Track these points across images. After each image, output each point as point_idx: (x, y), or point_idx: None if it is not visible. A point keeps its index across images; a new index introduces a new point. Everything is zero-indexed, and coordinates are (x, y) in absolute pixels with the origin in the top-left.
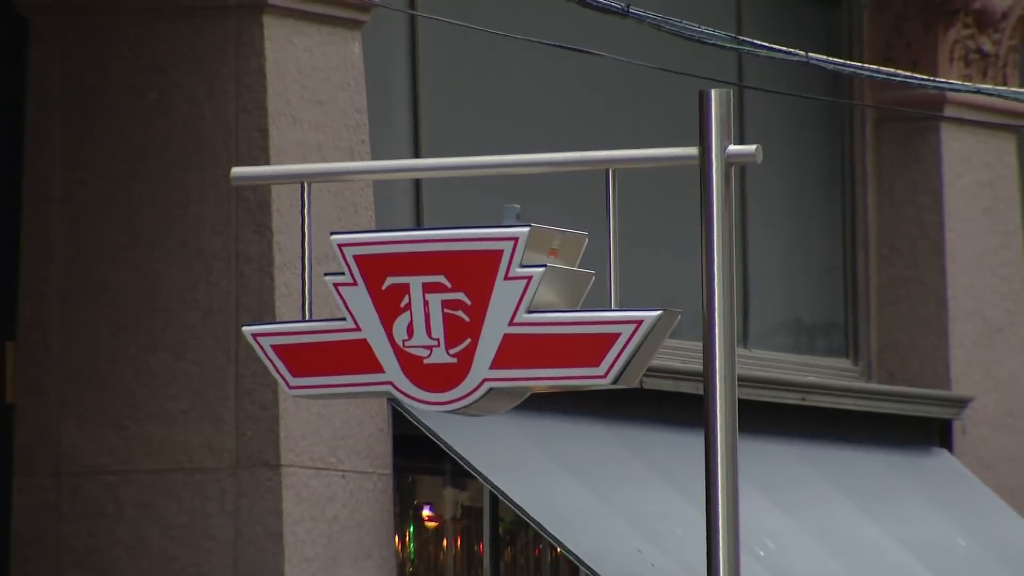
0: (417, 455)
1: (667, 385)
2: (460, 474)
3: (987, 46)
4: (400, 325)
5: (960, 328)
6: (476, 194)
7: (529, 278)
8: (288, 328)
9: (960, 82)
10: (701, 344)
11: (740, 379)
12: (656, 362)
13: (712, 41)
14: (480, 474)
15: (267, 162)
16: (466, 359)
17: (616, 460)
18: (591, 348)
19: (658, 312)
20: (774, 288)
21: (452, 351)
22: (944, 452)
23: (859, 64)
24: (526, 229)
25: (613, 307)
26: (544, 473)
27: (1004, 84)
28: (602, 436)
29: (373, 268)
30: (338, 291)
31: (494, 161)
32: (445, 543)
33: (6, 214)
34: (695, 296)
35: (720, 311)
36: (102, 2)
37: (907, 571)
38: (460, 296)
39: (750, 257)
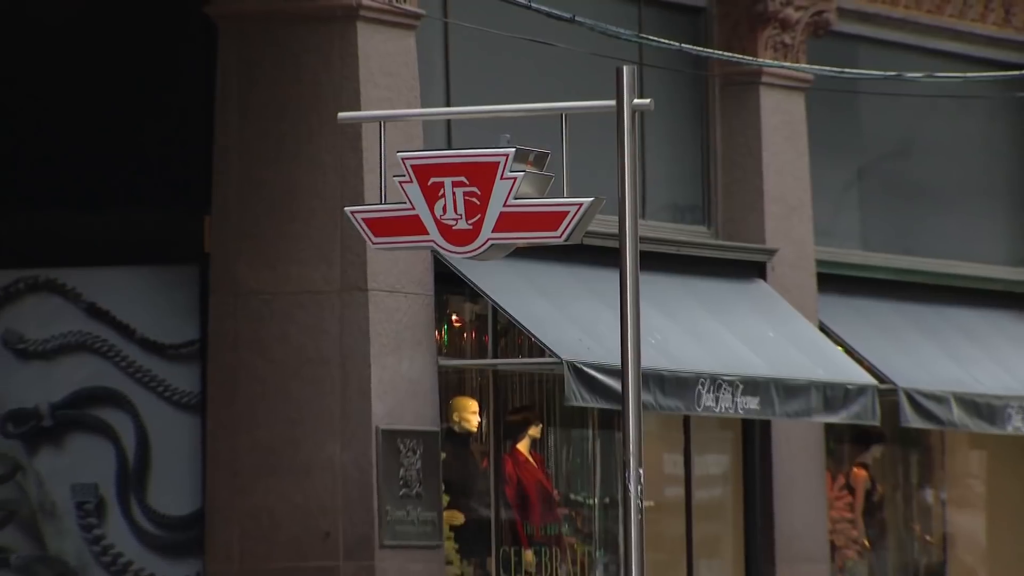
0: (448, 283)
1: (597, 241)
2: (474, 295)
3: (788, 40)
4: (438, 206)
5: (771, 208)
6: (485, 128)
7: (515, 178)
8: (371, 208)
9: (771, 61)
10: (617, 217)
11: (641, 238)
12: (591, 228)
13: (625, 37)
14: (486, 294)
15: (359, 110)
16: (478, 226)
17: (568, 287)
18: (552, 219)
19: (592, 199)
20: (661, 184)
21: (469, 221)
22: (761, 281)
23: (711, 50)
24: (512, 149)
25: (565, 196)
26: (525, 294)
27: (797, 63)
28: (560, 272)
29: (422, 172)
30: (401, 186)
31: (494, 108)
32: (464, 336)
33: (204, 144)
34: (613, 188)
35: (628, 198)
36: (261, 13)
37: (737, 351)
38: (474, 189)
39: (647, 165)
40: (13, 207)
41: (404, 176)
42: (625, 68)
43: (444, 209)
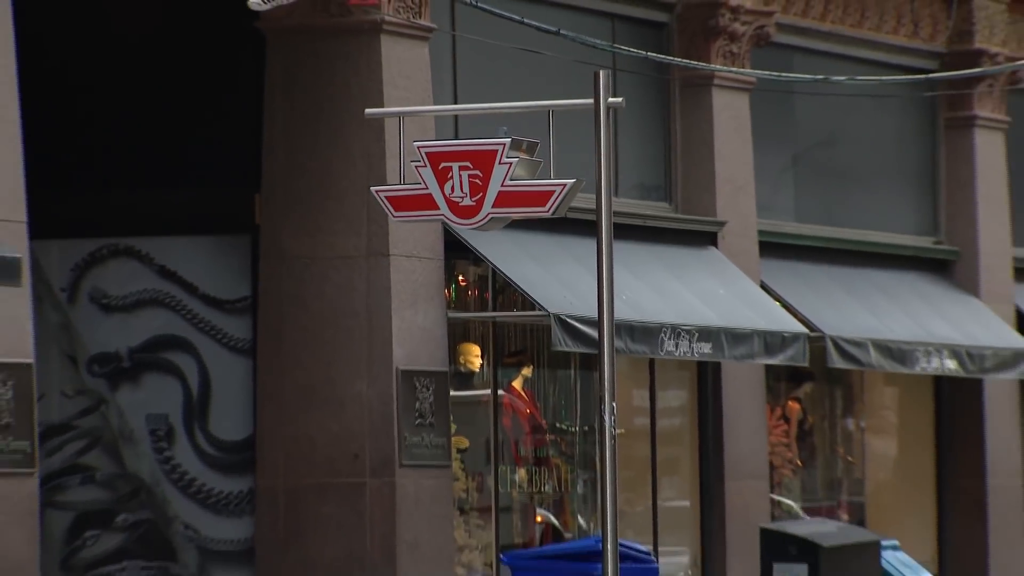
0: (456, 250)
1: (578, 215)
2: (477, 259)
3: (735, 49)
4: (448, 186)
5: (721, 188)
6: (486, 122)
7: (511, 163)
8: (393, 187)
9: (721, 66)
10: (595, 195)
11: (614, 213)
12: (573, 204)
13: (601, 47)
14: (487, 259)
15: (382, 107)
16: (480, 203)
17: (554, 253)
18: (541, 197)
19: (574, 180)
20: (631, 168)
21: (473, 199)
22: (713, 248)
23: (672, 58)
24: (508, 139)
25: (552, 178)
26: (519, 258)
27: (743, 68)
28: (547, 240)
29: (435, 158)
30: (417, 170)
31: (493, 106)
32: (469, 293)
33: (255, 135)
34: (591, 171)
35: (604, 179)
36: (301, 27)
37: (693, 305)
38: (477, 172)
39: (619, 152)
40: (98, 187)
41: (419, 161)
42: (601, 72)
43: (452, 189)
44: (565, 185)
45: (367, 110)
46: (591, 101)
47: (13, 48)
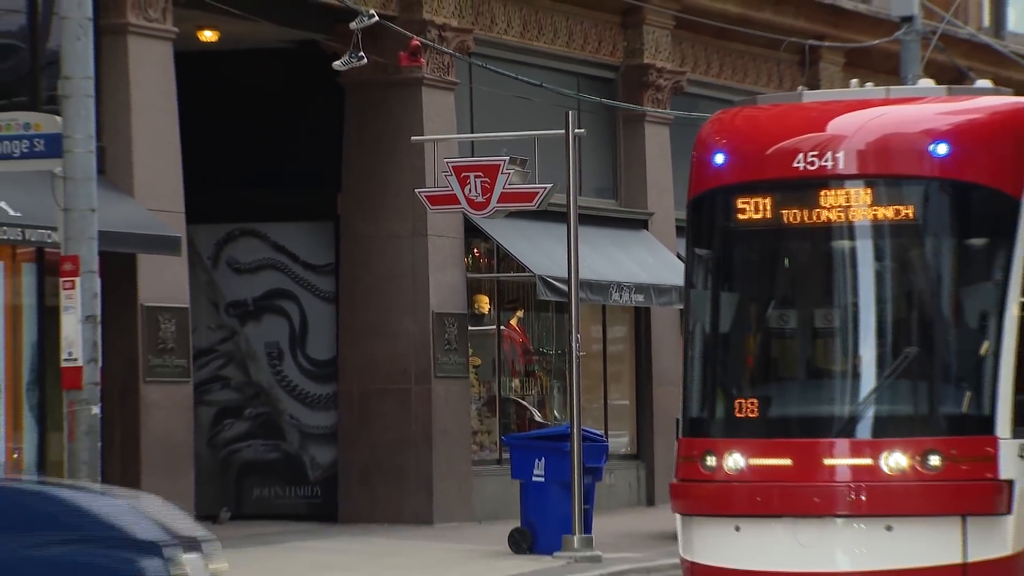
0: (472, 232)
1: (555, 208)
2: (486, 238)
3: (660, 97)
4: (466, 188)
5: (651, 190)
6: (493, 145)
7: (509, 173)
8: (429, 189)
9: (651, 108)
10: (566, 194)
11: (579, 207)
12: (552, 201)
13: (569, 95)
14: (493, 237)
15: (423, 135)
16: (488, 200)
17: (539, 233)
18: (530, 196)
19: (552, 184)
20: (591, 175)
21: (484, 197)
22: (646, 231)
23: (618, 102)
24: (508, 157)
25: (537, 183)
26: (515, 237)
27: (666, 109)
28: (534, 225)
29: (458, 170)
30: (446, 178)
31: (497, 135)
32: (481, 260)
33: (337, 153)
34: (564, 178)
35: (572, 184)
36: (368, 81)
37: (632, 269)
38: (487, 179)
39: (583, 165)
40: (232, 187)
41: (447, 172)
42: (570, 112)
43: (470, 190)
44: (546, 188)
45: (412, 137)
46: (563, 131)
47: (175, 97)
